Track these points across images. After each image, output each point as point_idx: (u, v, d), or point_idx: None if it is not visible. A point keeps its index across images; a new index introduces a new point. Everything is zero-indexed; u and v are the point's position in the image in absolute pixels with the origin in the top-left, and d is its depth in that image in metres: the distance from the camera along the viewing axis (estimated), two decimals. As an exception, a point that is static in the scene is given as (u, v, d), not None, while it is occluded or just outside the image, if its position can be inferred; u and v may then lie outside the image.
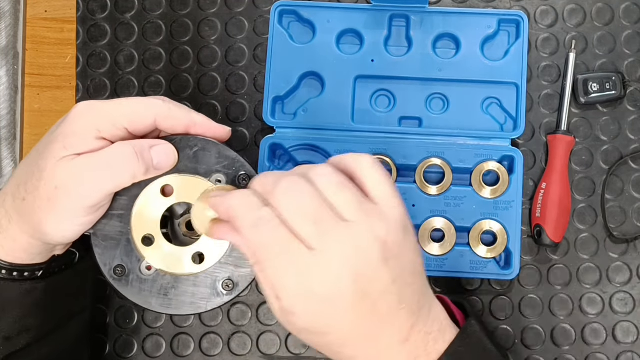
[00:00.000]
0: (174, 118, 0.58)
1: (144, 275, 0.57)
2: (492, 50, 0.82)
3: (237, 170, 0.58)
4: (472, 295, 0.81)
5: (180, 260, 0.57)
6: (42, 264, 0.62)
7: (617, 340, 0.79)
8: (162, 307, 0.57)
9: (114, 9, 0.87)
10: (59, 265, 0.65)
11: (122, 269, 0.57)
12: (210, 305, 0.57)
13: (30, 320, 0.63)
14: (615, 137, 0.83)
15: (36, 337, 0.64)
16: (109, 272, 0.57)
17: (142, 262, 0.57)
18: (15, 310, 0.62)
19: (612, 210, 0.81)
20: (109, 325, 0.82)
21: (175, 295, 0.57)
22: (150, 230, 0.57)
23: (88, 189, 0.55)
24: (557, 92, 0.83)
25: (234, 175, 0.58)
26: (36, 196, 0.56)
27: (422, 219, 0.79)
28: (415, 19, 0.82)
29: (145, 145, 0.56)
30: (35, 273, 0.62)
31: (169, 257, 0.57)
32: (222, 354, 0.81)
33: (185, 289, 0.57)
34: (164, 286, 0.57)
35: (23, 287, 0.62)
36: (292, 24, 0.84)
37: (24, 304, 0.62)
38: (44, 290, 0.63)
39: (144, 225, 0.57)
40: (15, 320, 0.62)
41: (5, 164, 0.86)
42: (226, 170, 0.58)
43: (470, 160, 0.80)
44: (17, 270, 0.61)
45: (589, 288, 0.80)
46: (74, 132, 0.56)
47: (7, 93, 0.86)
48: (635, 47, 0.84)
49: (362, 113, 0.82)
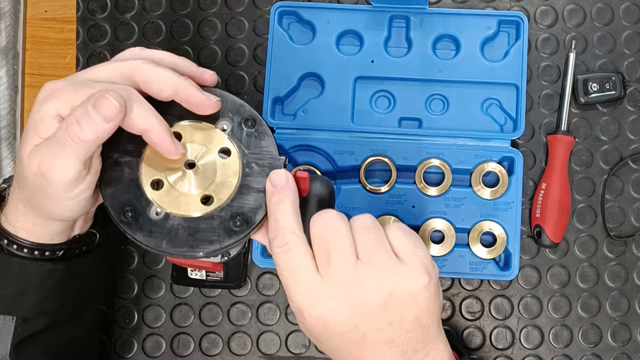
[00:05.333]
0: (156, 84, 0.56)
1: (153, 218, 0.57)
2: (492, 51, 0.82)
3: (242, 116, 0.59)
4: (472, 294, 0.81)
5: (189, 202, 0.57)
6: (62, 244, 0.63)
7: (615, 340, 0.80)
8: (172, 247, 0.56)
9: (114, 9, 0.87)
10: (79, 246, 0.66)
11: (132, 213, 0.56)
12: (223, 243, 0.56)
13: (49, 302, 0.64)
14: (615, 137, 0.83)
15: (53, 321, 0.65)
16: (118, 216, 0.56)
17: (152, 206, 0.57)
18: (35, 292, 0.63)
19: (612, 211, 0.81)
20: (109, 325, 0.82)
21: (185, 236, 0.56)
22: (159, 175, 0.57)
23: (56, 170, 0.54)
24: (557, 92, 0.83)
25: (239, 120, 0.59)
26: (27, 185, 0.57)
27: (422, 220, 0.79)
28: (415, 20, 0.82)
29: (87, 107, 0.53)
30: (56, 253, 0.63)
31: (178, 199, 0.57)
32: (222, 354, 0.81)
33: (195, 229, 0.56)
34: (174, 227, 0.56)
35: (44, 268, 0.62)
36: (292, 25, 0.84)
37: (44, 285, 0.63)
38: (63, 272, 0.64)
39: (153, 170, 0.57)
40: (35, 302, 0.63)
41: (5, 164, 0.86)
42: (231, 115, 0.59)
43: (470, 161, 0.80)
44: (39, 250, 0.62)
45: (587, 288, 0.81)
46: (40, 118, 0.56)
47: (7, 93, 0.86)
48: (635, 47, 0.84)
49: (362, 114, 0.82)
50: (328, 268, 0.54)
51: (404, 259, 0.56)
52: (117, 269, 0.83)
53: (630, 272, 0.81)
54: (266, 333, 0.82)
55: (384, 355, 0.56)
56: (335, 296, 0.54)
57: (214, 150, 0.58)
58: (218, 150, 0.58)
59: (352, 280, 0.54)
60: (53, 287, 0.64)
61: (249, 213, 0.57)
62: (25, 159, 0.56)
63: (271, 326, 0.82)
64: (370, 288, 0.54)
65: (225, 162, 0.58)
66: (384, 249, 0.56)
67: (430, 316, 0.56)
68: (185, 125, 0.58)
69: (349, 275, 0.54)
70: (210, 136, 0.58)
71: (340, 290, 0.54)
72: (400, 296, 0.55)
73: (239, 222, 0.56)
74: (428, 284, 0.55)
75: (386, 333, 0.55)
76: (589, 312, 0.80)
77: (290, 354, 0.81)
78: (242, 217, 0.57)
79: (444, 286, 0.81)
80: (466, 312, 0.81)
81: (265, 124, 0.59)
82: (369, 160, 0.80)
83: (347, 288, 0.54)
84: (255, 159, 0.58)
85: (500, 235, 0.78)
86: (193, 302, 0.82)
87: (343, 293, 0.54)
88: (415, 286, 0.55)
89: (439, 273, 0.59)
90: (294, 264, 0.55)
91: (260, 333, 0.82)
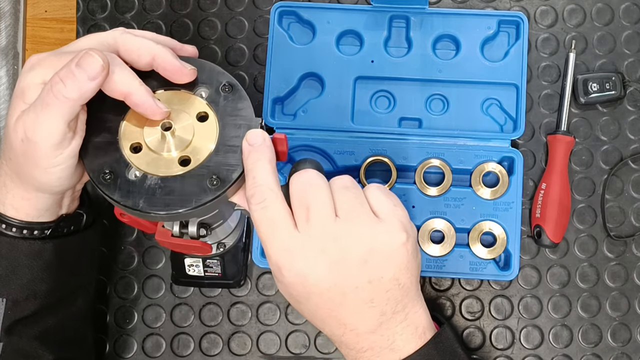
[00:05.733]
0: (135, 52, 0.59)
1: (132, 179, 0.58)
2: (492, 51, 0.82)
3: (219, 81, 0.60)
4: (472, 294, 0.81)
5: (167, 164, 0.58)
6: (50, 222, 0.64)
7: (615, 340, 0.80)
8: (149, 206, 0.57)
9: (114, 9, 0.87)
10: (67, 225, 0.67)
11: (111, 175, 0.58)
12: (200, 201, 0.57)
13: (39, 284, 0.65)
14: (615, 137, 0.83)
15: (43, 305, 0.66)
16: (97, 177, 0.58)
17: (131, 168, 0.58)
18: (24, 272, 0.64)
19: (612, 211, 0.81)
20: (109, 325, 0.82)
21: (162, 195, 0.57)
22: (138, 139, 0.59)
23: (42, 131, 0.55)
24: (557, 92, 0.83)
25: (217, 85, 0.60)
26: (15, 154, 0.58)
27: (422, 220, 0.79)
28: (415, 20, 0.82)
29: (71, 66, 0.54)
30: (44, 232, 0.64)
31: (156, 161, 0.58)
32: (222, 354, 0.81)
33: (172, 188, 0.57)
34: (151, 186, 0.58)
35: (33, 247, 0.64)
36: (292, 25, 0.84)
37: (33, 266, 0.64)
38: (52, 252, 0.65)
39: (132, 135, 0.59)
40: (24, 282, 0.64)
41: (5, 164, 0.86)
42: (209, 82, 0.60)
43: (470, 161, 0.80)
44: (27, 228, 0.63)
45: (587, 288, 0.81)
46: (27, 85, 0.57)
47: (7, 93, 0.86)
48: (635, 47, 0.84)
49: (362, 114, 0.82)
50: (307, 224, 0.55)
51: (383, 217, 0.56)
52: (117, 269, 0.83)
53: (630, 272, 0.81)
54: (266, 333, 0.82)
55: (364, 315, 0.56)
56: (314, 252, 0.54)
57: (192, 115, 0.59)
58: (196, 115, 0.59)
59: (331, 237, 0.55)
60: (42, 268, 0.65)
61: (226, 172, 0.58)
62: (12, 126, 0.57)
63: (271, 326, 0.82)
64: (350, 244, 0.55)
65: (203, 125, 0.59)
66: (363, 206, 0.56)
67: (408, 276, 0.57)
68: (163, 93, 0.60)
69: (328, 232, 0.55)
70: (188, 102, 0.60)
71: (319, 246, 0.55)
72: (379, 253, 0.55)
73: (215, 181, 0.57)
74: (406, 242, 0.56)
75: (365, 292, 0.55)
76: (589, 312, 0.80)
77: (290, 354, 0.81)
78: (218, 176, 0.57)
79: (444, 286, 0.81)
80: (466, 312, 0.81)
81: (241, 89, 0.61)
82: (369, 160, 0.80)
83: (326, 244, 0.55)
84: (232, 121, 0.59)
85: (500, 235, 0.78)
86: (193, 302, 0.82)
87: (322, 249, 0.54)
88: (394, 243, 0.56)
89: (416, 234, 0.60)
90: (272, 220, 0.55)
91: (260, 333, 0.82)
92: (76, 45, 0.59)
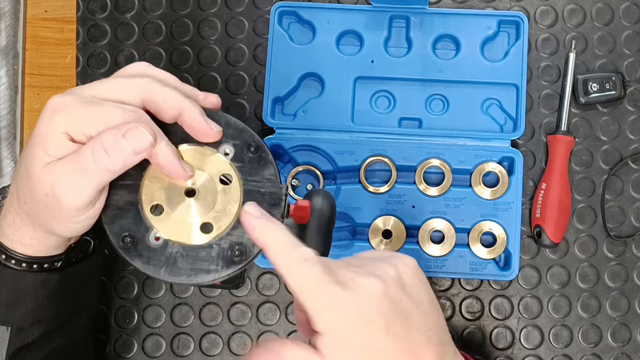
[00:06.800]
0: (162, 104, 0.55)
1: (153, 245, 0.56)
2: (492, 51, 0.82)
3: (245, 141, 0.58)
4: (472, 294, 0.81)
5: (189, 230, 0.57)
6: (60, 255, 0.63)
7: (615, 340, 0.80)
8: (171, 275, 0.56)
9: (114, 9, 0.87)
10: (75, 255, 0.65)
11: (131, 239, 0.56)
12: (221, 274, 0.56)
13: (44, 311, 0.63)
14: (615, 137, 0.83)
15: (49, 329, 0.64)
16: (117, 241, 0.56)
17: (151, 232, 0.56)
18: (29, 300, 0.62)
19: (612, 211, 0.81)
20: (109, 325, 0.82)
21: (184, 264, 0.56)
22: (159, 200, 0.57)
23: (72, 194, 0.53)
24: (557, 92, 0.83)
25: (242, 145, 0.58)
26: (33, 201, 0.56)
27: (422, 220, 0.79)
28: (415, 20, 0.82)
29: (118, 137, 0.52)
30: (54, 264, 0.63)
31: (177, 226, 0.57)
32: (222, 354, 0.81)
33: (194, 258, 0.56)
34: (172, 255, 0.56)
35: (38, 278, 0.62)
36: (292, 25, 0.84)
37: (38, 294, 0.62)
38: (58, 282, 0.63)
39: (153, 195, 0.57)
40: (29, 311, 0.62)
41: (5, 164, 0.86)
42: (234, 141, 0.58)
43: (470, 161, 0.80)
44: (37, 263, 0.61)
45: (587, 288, 0.81)
46: (48, 134, 0.54)
47: (7, 93, 0.86)
48: (635, 47, 0.84)
49: (362, 114, 0.82)
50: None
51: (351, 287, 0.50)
52: (117, 269, 0.83)
53: (630, 272, 0.81)
54: (266, 333, 0.82)
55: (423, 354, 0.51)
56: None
57: (215, 176, 0.57)
58: (219, 177, 0.57)
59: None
60: (47, 296, 0.63)
61: (248, 243, 0.56)
62: (36, 177, 0.54)
63: (271, 326, 0.82)
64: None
65: (226, 188, 0.57)
66: None
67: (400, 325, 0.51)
68: (186, 149, 0.58)
69: None
70: (211, 161, 0.58)
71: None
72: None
73: (238, 252, 0.56)
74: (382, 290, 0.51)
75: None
76: (589, 312, 0.80)
77: (290, 354, 0.81)
78: (240, 247, 0.56)
79: (444, 286, 0.81)
80: (466, 312, 0.81)
81: (268, 151, 0.58)
82: (369, 160, 0.80)
83: None
84: (256, 187, 0.57)
85: (500, 235, 0.79)
86: (193, 302, 0.82)
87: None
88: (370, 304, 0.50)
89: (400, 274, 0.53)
90: None
91: (260, 333, 0.82)
92: (100, 89, 0.55)
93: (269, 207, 0.57)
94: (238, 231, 0.57)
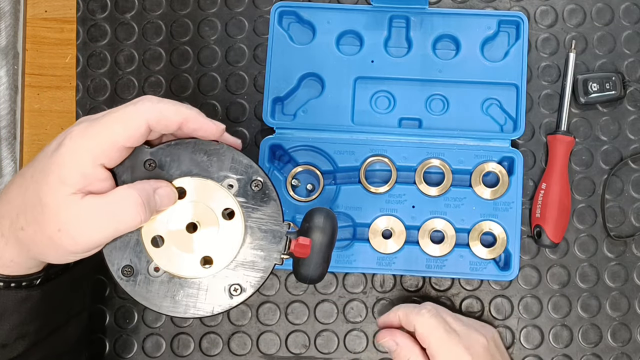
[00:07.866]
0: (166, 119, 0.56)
1: (152, 277, 0.57)
2: (492, 51, 0.83)
3: (249, 176, 0.58)
4: (472, 294, 0.81)
5: (188, 263, 0.57)
6: (39, 273, 0.61)
7: (615, 340, 0.80)
8: (169, 310, 0.57)
9: (114, 9, 0.87)
10: (55, 271, 0.63)
11: (130, 270, 0.56)
12: (218, 309, 0.57)
13: (28, 326, 0.62)
14: (615, 137, 0.83)
15: (34, 342, 0.63)
16: (117, 272, 0.57)
17: (151, 263, 0.57)
18: (12, 317, 0.61)
19: (612, 211, 0.81)
20: (109, 325, 0.82)
21: (183, 298, 0.57)
22: (160, 232, 0.57)
23: (92, 236, 0.54)
24: (557, 92, 0.83)
25: (247, 180, 0.58)
26: (37, 230, 0.55)
27: (422, 220, 0.79)
28: (415, 20, 0.82)
29: (150, 191, 0.55)
30: (33, 282, 0.61)
31: (177, 259, 0.57)
32: (222, 354, 0.81)
33: (193, 292, 0.57)
34: (171, 289, 0.57)
35: (19, 295, 0.60)
36: (292, 25, 0.84)
37: (20, 310, 0.61)
38: (40, 297, 0.62)
39: (154, 227, 0.57)
40: (12, 327, 0.61)
41: (5, 164, 0.86)
42: (239, 175, 0.58)
43: (470, 161, 0.80)
44: (15, 281, 0.60)
45: (587, 288, 0.81)
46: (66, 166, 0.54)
47: (7, 93, 0.86)
48: (635, 47, 0.84)
49: (362, 114, 0.82)
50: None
51: None
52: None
53: (630, 272, 0.81)
54: (266, 333, 0.82)
55: None
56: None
57: (218, 211, 0.58)
58: (221, 211, 0.58)
59: None
60: (30, 311, 0.61)
61: (248, 278, 0.57)
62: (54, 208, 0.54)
63: (271, 326, 0.82)
64: None
65: (228, 223, 0.58)
66: None
67: None
68: (190, 181, 0.58)
69: None
70: (215, 194, 0.58)
71: None
72: None
73: (237, 288, 0.57)
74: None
75: None
76: (589, 312, 0.80)
77: (290, 354, 0.81)
78: (240, 284, 0.57)
79: (444, 286, 0.81)
80: (466, 312, 0.81)
81: (272, 187, 0.59)
82: (369, 160, 0.80)
83: None
84: (258, 224, 0.58)
85: (500, 235, 0.79)
86: (193, 302, 0.82)
87: None
88: None
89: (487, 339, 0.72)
90: None
91: (260, 333, 0.82)
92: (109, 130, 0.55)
93: (270, 244, 0.58)
94: (237, 266, 0.58)
